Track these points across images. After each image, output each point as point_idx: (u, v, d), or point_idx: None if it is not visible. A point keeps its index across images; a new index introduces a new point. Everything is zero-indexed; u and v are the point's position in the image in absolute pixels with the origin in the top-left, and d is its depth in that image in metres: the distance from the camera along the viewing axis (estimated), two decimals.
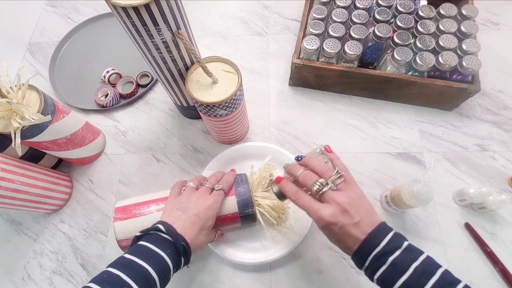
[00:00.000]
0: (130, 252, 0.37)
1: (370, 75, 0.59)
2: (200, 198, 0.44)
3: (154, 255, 0.36)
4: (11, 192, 0.48)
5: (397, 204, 0.51)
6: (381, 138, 0.63)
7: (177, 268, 0.39)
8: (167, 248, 0.37)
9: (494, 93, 0.66)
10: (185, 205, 0.43)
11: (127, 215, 0.46)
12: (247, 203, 0.47)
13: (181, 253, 0.38)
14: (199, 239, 0.41)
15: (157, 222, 0.40)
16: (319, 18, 0.62)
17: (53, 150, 0.54)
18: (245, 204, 0.47)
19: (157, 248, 0.37)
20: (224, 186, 0.47)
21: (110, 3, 0.37)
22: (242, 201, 0.47)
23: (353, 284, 0.51)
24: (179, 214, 0.42)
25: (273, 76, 0.71)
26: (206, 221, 0.42)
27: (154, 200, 0.48)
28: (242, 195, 0.47)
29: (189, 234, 0.40)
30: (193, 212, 0.42)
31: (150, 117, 0.68)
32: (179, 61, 0.47)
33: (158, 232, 0.39)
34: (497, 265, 0.50)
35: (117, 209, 0.47)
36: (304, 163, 0.41)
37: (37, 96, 0.48)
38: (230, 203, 0.47)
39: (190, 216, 0.41)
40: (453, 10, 0.61)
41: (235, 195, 0.47)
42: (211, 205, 0.43)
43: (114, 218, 0.46)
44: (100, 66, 0.72)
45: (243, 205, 0.47)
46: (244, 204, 0.47)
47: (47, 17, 0.84)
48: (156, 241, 0.38)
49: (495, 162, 0.59)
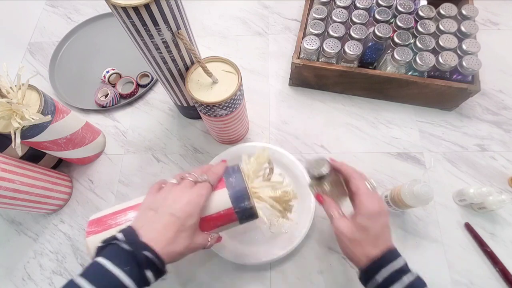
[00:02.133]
0: (83, 273, 0.30)
1: (370, 75, 0.59)
2: (179, 194, 0.36)
3: (107, 278, 0.29)
4: (11, 192, 0.48)
5: (397, 204, 0.51)
6: (381, 138, 0.63)
7: (145, 284, 0.32)
8: (126, 262, 0.30)
9: (494, 93, 0.66)
10: (160, 203, 0.36)
11: (101, 227, 0.38)
12: (242, 195, 0.39)
13: (144, 266, 0.31)
14: (177, 244, 0.33)
15: (122, 229, 0.34)
16: (319, 18, 0.62)
17: (53, 150, 0.54)
18: (240, 197, 0.39)
19: (113, 266, 0.30)
20: (211, 178, 0.38)
21: (110, 3, 0.37)
22: (235, 193, 0.39)
23: (353, 284, 0.51)
24: (151, 215, 0.35)
25: (273, 76, 0.71)
26: (185, 220, 0.34)
27: (133, 206, 0.40)
28: (234, 186, 0.39)
29: (161, 239, 0.32)
30: (168, 210, 0.34)
31: (150, 117, 0.68)
32: (179, 61, 0.47)
33: (118, 242, 0.31)
34: (497, 265, 0.50)
35: (90, 222, 0.39)
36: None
37: (37, 96, 0.48)
38: (221, 197, 0.39)
39: (164, 216, 0.34)
40: (453, 10, 0.61)
41: (226, 187, 0.39)
42: (191, 200, 0.35)
43: (87, 232, 0.38)
44: (100, 66, 0.72)
45: (237, 198, 0.39)
46: (238, 196, 0.39)
47: (47, 17, 0.84)
48: (114, 256, 0.31)
49: (495, 162, 0.59)
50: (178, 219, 0.34)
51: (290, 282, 0.52)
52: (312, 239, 0.54)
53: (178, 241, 0.34)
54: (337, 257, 0.53)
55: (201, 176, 0.38)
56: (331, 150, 0.62)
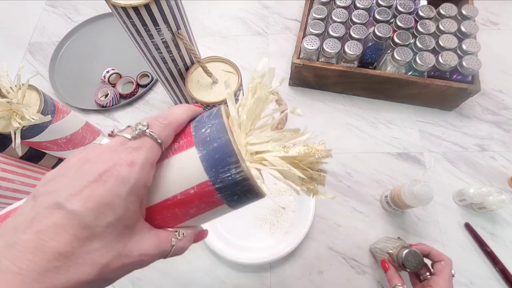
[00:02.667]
0: None
1: (370, 75, 0.59)
2: (87, 165, 0.19)
3: None
4: (11, 192, 0.48)
5: (397, 204, 0.51)
6: (381, 138, 0.63)
7: None
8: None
9: (494, 93, 0.66)
10: (54, 183, 0.18)
11: None
12: (225, 157, 0.20)
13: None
14: (84, 260, 0.17)
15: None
16: (319, 18, 0.62)
17: (53, 150, 0.54)
18: (221, 160, 0.20)
19: None
20: (156, 128, 0.21)
21: (110, 3, 0.37)
22: (213, 154, 0.20)
23: (353, 284, 0.51)
24: (28, 210, 0.18)
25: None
26: (92, 215, 0.17)
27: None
28: (209, 142, 0.21)
29: (36, 257, 0.16)
30: (57, 198, 0.17)
31: None
32: (179, 61, 0.47)
33: None
34: (497, 265, 0.50)
35: None
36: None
37: (37, 96, 0.48)
38: (187, 164, 0.21)
39: (42, 212, 0.17)
40: (453, 10, 0.61)
41: (195, 145, 0.21)
42: (107, 174, 0.18)
43: None
44: (100, 66, 0.72)
45: (215, 163, 0.20)
46: (218, 159, 0.20)
47: (47, 17, 0.84)
48: None
49: (495, 162, 0.59)
50: (75, 216, 0.17)
51: (290, 282, 0.52)
52: (312, 239, 0.54)
53: (78, 262, 0.17)
54: (337, 257, 0.53)
55: (141, 125, 0.20)
56: (331, 150, 0.62)
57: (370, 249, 0.53)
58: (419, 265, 0.42)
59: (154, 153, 0.20)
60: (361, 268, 0.52)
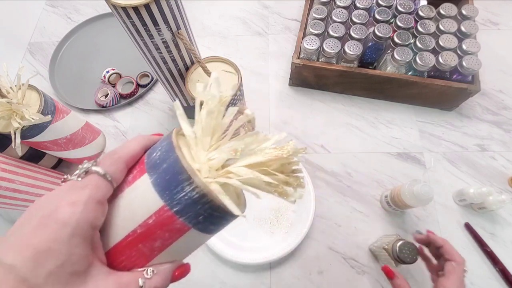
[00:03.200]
0: None
1: (370, 75, 0.59)
2: (36, 206, 0.18)
3: None
4: (11, 192, 0.48)
5: (397, 204, 0.51)
6: (381, 138, 0.63)
7: None
8: None
9: (494, 93, 0.66)
10: (7, 234, 0.17)
11: None
12: (176, 175, 0.19)
13: None
14: None
15: None
16: (319, 18, 0.62)
17: (53, 150, 0.54)
18: (172, 180, 0.19)
19: None
20: (105, 162, 0.20)
21: (110, 3, 0.37)
22: (162, 175, 0.19)
23: (353, 284, 0.51)
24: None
25: (273, 76, 0.71)
26: (32, 263, 0.16)
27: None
28: (159, 165, 0.20)
29: None
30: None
31: (150, 117, 0.68)
32: (179, 61, 0.47)
33: None
34: (497, 265, 0.50)
35: None
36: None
37: (37, 96, 0.48)
38: (140, 192, 0.20)
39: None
40: (453, 10, 0.61)
41: (147, 171, 0.20)
42: (48, 215, 0.17)
43: None
44: (100, 66, 0.72)
45: (167, 185, 0.19)
46: (170, 180, 0.19)
47: (47, 17, 0.84)
48: None
49: (495, 162, 0.59)
50: (11, 270, 0.16)
51: (290, 282, 0.52)
52: (312, 239, 0.54)
53: None
54: (337, 257, 0.53)
55: (84, 165, 0.20)
56: (331, 150, 0.62)
57: (370, 248, 0.53)
58: (415, 256, 0.42)
59: (100, 190, 0.19)
60: (361, 268, 0.52)
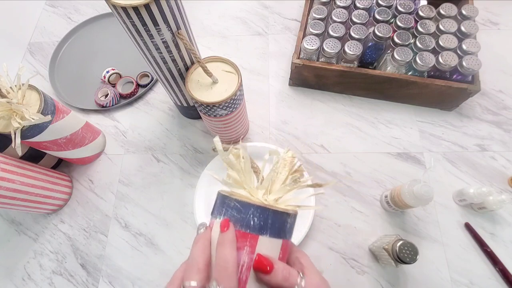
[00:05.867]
0: None
1: (370, 75, 0.59)
2: None
3: None
4: (11, 192, 0.48)
5: (397, 204, 0.51)
6: (381, 138, 0.63)
7: None
8: None
9: (494, 93, 0.66)
10: None
11: None
12: (282, 221, 0.26)
13: None
14: None
15: None
16: (319, 18, 0.62)
17: (53, 150, 0.54)
18: (282, 224, 0.26)
19: None
20: (222, 275, 0.22)
21: (110, 3, 0.37)
22: (273, 226, 0.26)
23: (353, 284, 0.51)
24: None
25: (273, 76, 0.71)
26: None
27: None
28: (262, 223, 0.25)
29: None
30: None
31: (150, 117, 0.68)
32: (179, 61, 0.47)
33: None
34: (497, 265, 0.50)
35: None
36: None
37: (37, 96, 0.48)
38: (269, 248, 0.26)
39: None
40: (453, 10, 0.61)
41: (260, 236, 0.25)
42: None
43: None
44: (100, 66, 0.72)
45: (280, 228, 0.26)
46: (280, 226, 0.26)
47: (47, 17, 0.84)
48: None
49: (495, 162, 0.59)
50: None
51: None
52: (312, 239, 0.54)
53: None
54: (337, 257, 0.53)
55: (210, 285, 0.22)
56: (331, 150, 0.62)
57: (370, 249, 0.53)
58: (415, 255, 0.42)
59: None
60: (361, 268, 0.52)
